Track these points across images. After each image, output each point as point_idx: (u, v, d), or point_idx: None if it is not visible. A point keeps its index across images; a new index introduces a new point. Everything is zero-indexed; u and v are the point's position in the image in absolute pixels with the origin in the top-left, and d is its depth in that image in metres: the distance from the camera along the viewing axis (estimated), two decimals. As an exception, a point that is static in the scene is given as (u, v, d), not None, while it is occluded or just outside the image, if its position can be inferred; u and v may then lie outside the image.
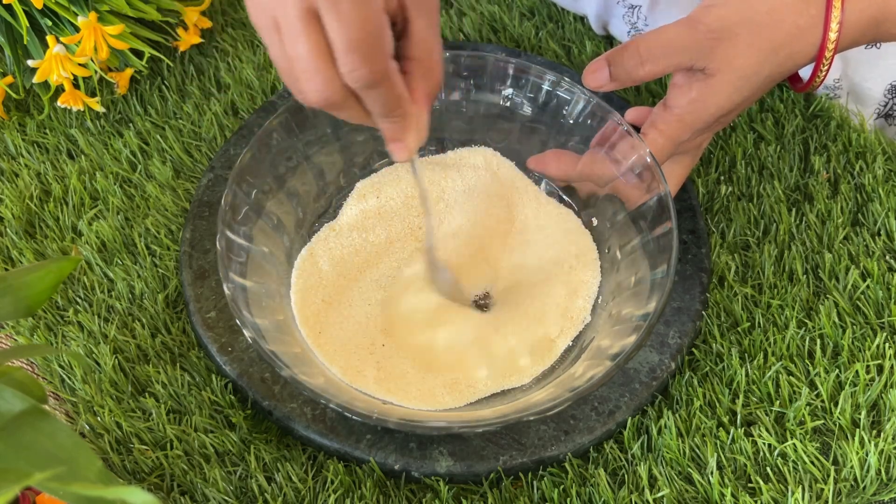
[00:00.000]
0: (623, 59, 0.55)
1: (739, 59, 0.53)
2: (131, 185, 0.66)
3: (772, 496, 0.51)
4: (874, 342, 0.56)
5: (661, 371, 0.55)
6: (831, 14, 0.53)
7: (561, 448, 0.53)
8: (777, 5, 0.53)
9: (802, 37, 0.53)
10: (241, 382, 0.56)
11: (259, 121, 0.66)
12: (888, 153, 0.64)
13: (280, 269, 0.60)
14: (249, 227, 0.59)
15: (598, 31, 0.73)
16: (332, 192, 0.64)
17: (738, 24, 0.53)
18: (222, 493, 0.52)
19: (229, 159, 0.65)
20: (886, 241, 0.60)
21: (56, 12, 0.66)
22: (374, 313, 0.59)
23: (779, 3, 0.53)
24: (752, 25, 0.53)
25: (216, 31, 0.75)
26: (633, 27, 0.68)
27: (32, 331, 0.59)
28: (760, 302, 0.58)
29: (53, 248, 0.63)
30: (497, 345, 0.58)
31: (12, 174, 0.68)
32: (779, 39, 0.53)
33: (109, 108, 0.71)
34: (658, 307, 0.53)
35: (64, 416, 0.57)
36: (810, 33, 0.53)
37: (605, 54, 0.56)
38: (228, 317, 0.58)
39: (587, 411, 0.54)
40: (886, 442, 0.52)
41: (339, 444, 0.53)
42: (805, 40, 0.54)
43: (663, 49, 0.54)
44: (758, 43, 0.53)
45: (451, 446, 0.53)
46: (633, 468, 0.53)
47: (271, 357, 0.52)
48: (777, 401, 0.54)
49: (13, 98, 0.72)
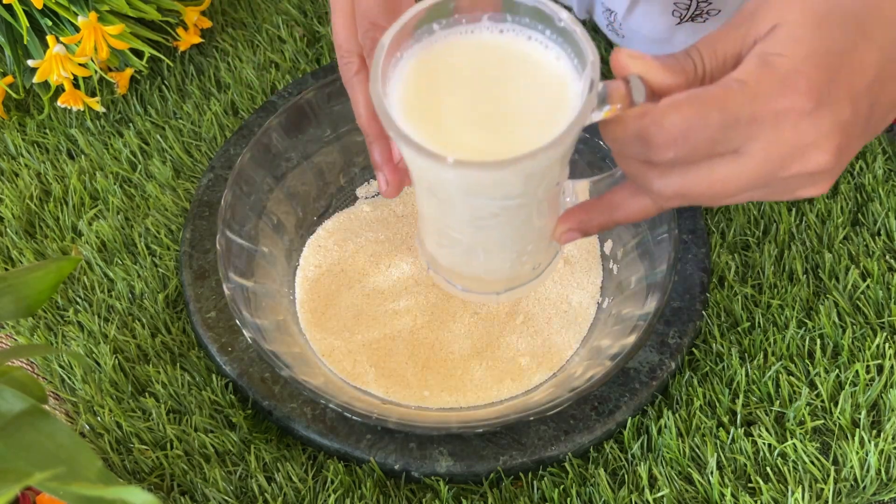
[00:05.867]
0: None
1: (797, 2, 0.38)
2: (131, 185, 0.66)
3: (772, 496, 0.51)
4: (874, 342, 0.56)
5: (661, 371, 0.55)
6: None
7: (561, 448, 0.53)
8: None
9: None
10: (241, 382, 0.56)
11: (259, 121, 0.66)
12: (888, 153, 0.64)
13: (280, 269, 0.60)
14: (249, 227, 0.59)
15: (581, 16, 0.72)
16: (333, 192, 0.64)
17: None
18: (222, 492, 0.52)
19: (229, 159, 0.65)
20: (886, 241, 0.60)
21: (56, 12, 0.66)
22: (376, 313, 0.59)
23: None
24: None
25: (216, 30, 0.75)
26: (609, 25, 0.68)
27: (32, 331, 0.59)
28: (760, 302, 0.58)
29: (53, 247, 0.63)
30: (498, 345, 0.58)
31: (12, 174, 0.68)
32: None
33: (109, 108, 0.71)
34: (658, 307, 0.53)
35: (64, 415, 0.57)
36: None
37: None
38: (228, 317, 0.58)
39: (587, 411, 0.54)
40: (886, 442, 0.52)
41: (339, 444, 0.53)
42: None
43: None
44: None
45: (451, 446, 0.53)
46: (633, 468, 0.53)
47: (271, 357, 0.52)
48: (777, 401, 0.54)
49: (13, 98, 0.72)
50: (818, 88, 0.37)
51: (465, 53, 0.43)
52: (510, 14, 0.42)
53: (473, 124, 0.41)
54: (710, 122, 0.37)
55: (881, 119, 0.40)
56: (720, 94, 0.37)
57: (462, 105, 0.42)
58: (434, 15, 0.42)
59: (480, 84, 0.42)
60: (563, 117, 0.40)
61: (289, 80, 0.71)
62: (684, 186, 0.39)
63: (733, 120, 0.37)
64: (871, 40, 0.38)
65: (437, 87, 0.42)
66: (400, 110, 0.41)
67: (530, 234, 0.47)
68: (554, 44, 0.42)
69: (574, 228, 0.46)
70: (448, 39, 0.43)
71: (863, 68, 0.38)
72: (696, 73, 0.39)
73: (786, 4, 0.38)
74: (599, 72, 0.39)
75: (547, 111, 0.41)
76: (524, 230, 0.46)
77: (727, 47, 0.39)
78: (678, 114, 0.37)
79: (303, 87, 0.68)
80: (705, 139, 0.37)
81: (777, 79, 0.37)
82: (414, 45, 0.42)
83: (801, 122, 0.37)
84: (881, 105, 0.39)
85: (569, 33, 0.40)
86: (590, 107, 0.38)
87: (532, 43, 0.42)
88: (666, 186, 0.39)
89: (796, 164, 0.38)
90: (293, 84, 0.69)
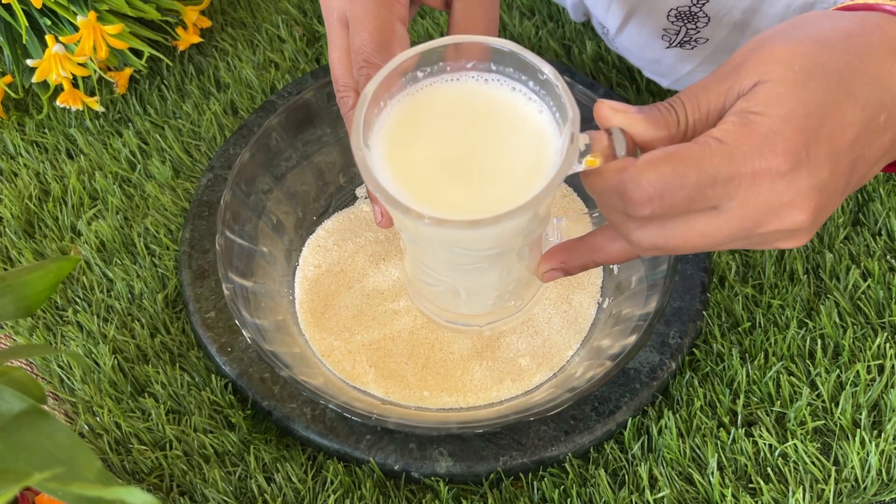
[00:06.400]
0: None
1: (785, 51, 0.38)
2: (130, 185, 0.66)
3: (772, 496, 0.51)
4: (875, 342, 0.56)
5: (662, 371, 0.55)
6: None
7: (561, 448, 0.53)
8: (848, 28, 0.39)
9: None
10: (241, 382, 0.56)
11: (259, 120, 0.66)
12: (889, 153, 0.64)
13: (279, 269, 0.60)
14: (249, 227, 0.59)
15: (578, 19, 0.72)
16: (332, 192, 0.64)
17: (772, 33, 0.40)
18: (222, 493, 0.52)
19: (229, 159, 0.65)
20: (887, 241, 0.60)
21: (55, 11, 0.66)
22: (375, 313, 0.59)
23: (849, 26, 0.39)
24: (796, 29, 0.40)
25: (216, 30, 0.75)
26: (605, 36, 0.68)
27: (31, 331, 0.59)
28: (761, 302, 0.58)
29: (52, 247, 0.63)
30: (498, 345, 0.57)
31: (11, 174, 0.68)
32: (852, 46, 0.39)
33: (109, 108, 0.71)
34: (658, 307, 0.53)
35: (63, 416, 0.56)
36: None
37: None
38: (228, 317, 0.58)
39: (587, 411, 0.54)
40: (887, 442, 0.52)
41: (339, 445, 0.53)
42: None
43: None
44: (812, 34, 0.39)
45: (451, 447, 0.53)
46: (633, 468, 0.53)
47: (271, 357, 0.52)
48: (778, 401, 0.54)
49: (12, 97, 0.71)
50: (796, 150, 0.37)
51: (448, 102, 0.43)
52: (495, 64, 0.42)
53: (453, 178, 0.41)
54: (687, 182, 0.37)
55: (865, 174, 0.40)
56: (698, 152, 0.37)
57: (442, 158, 0.42)
58: (421, 63, 0.42)
59: (462, 135, 0.42)
60: (543, 174, 0.40)
61: (288, 80, 0.71)
62: (661, 240, 0.40)
63: (710, 179, 0.37)
64: (855, 98, 0.38)
65: (418, 139, 0.42)
66: (381, 161, 0.41)
67: (512, 276, 0.47)
68: (536, 96, 0.42)
69: (556, 268, 0.47)
70: (432, 87, 0.43)
71: (844, 127, 0.38)
72: (678, 126, 0.39)
73: (770, 60, 0.38)
74: (580, 127, 0.39)
75: (527, 168, 0.41)
76: (506, 273, 0.47)
77: (710, 101, 0.39)
78: (655, 172, 0.37)
79: (302, 86, 0.68)
80: (682, 198, 0.37)
81: (755, 139, 0.37)
82: (398, 94, 0.42)
83: (778, 183, 0.37)
84: (865, 160, 0.39)
85: (551, 86, 0.41)
86: (569, 164, 0.38)
87: (516, 94, 0.42)
88: (643, 238, 0.40)
89: (773, 223, 0.38)
90: (293, 84, 0.69)
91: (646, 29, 0.61)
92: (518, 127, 0.42)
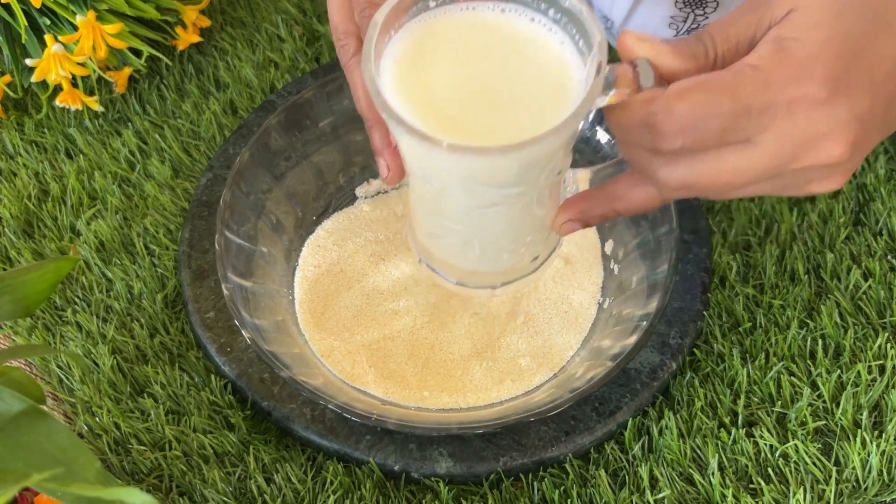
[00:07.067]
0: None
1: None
2: (130, 185, 0.66)
3: (773, 497, 0.51)
4: (876, 342, 0.55)
5: (662, 371, 0.55)
6: None
7: (561, 449, 0.53)
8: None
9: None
10: (240, 383, 0.56)
11: (258, 120, 0.66)
12: (890, 152, 0.64)
13: (279, 269, 0.60)
14: (248, 226, 0.59)
15: None
16: (332, 192, 0.64)
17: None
18: (221, 493, 0.52)
19: (228, 159, 0.65)
20: (888, 241, 0.60)
21: (54, 11, 0.66)
22: (375, 313, 0.59)
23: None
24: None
25: (215, 29, 0.75)
26: (608, 30, 0.67)
27: (30, 331, 0.59)
28: (762, 302, 0.58)
29: (52, 247, 0.63)
30: (498, 345, 0.57)
31: (10, 174, 0.67)
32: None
33: (108, 108, 0.71)
34: (659, 307, 0.53)
35: (62, 416, 0.56)
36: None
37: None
38: (227, 317, 0.58)
39: (588, 412, 0.54)
40: (888, 443, 0.52)
41: (339, 445, 0.53)
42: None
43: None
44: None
45: (451, 447, 0.53)
46: (633, 469, 0.53)
47: (270, 357, 0.52)
48: (778, 401, 0.54)
49: (11, 97, 0.71)
50: (835, 77, 0.35)
51: (462, 31, 0.40)
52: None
53: (471, 105, 0.39)
54: (721, 111, 0.35)
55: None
56: (732, 80, 0.35)
57: (459, 85, 0.39)
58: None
59: (479, 63, 0.40)
60: (567, 103, 0.38)
61: (288, 80, 0.71)
62: (691, 176, 0.38)
63: (745, 108, 0.35)
64: (892, 30, 0.36)
65: (432, 65, 0.40)
66: (393, 89, 0.39)
67: (529, 225, 0.45)
68: (557, 26, 0.40)
69: (574, 219, 0.44)
70: (446, 16, 0.40)
71: (882, 57, 0.36)
72: (707, 57, 0.38)
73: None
74: (607, 54, 0.37)
75: (549, 96, 0.39)
76: (523, 220, 0.44)
77: (740, 31, 0.37)
78: (688, 101, 0.35)
79: (302, 86, 0.68)
80: (715, 128, 0.36)
81: (792, 65, 0.35)
82: (409, 22, 0.40)
83: (816, 111, 0.35)
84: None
85: (574, 14, 0.39)
86: (597, 91, 0.36)
87: (535, 24, 0.40)
88: (672, 176, 0.38)
89: (809, 156, 0.36)
90: (292, 83, 0.69)
91: (653, 18, 0.60)
92: (539, 57, 0.40)
